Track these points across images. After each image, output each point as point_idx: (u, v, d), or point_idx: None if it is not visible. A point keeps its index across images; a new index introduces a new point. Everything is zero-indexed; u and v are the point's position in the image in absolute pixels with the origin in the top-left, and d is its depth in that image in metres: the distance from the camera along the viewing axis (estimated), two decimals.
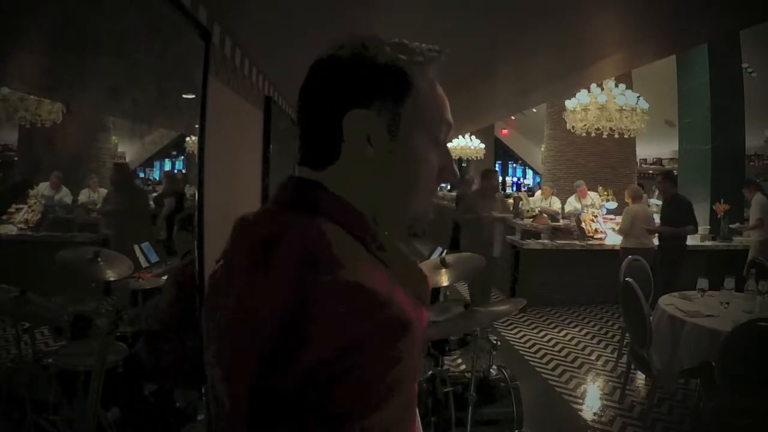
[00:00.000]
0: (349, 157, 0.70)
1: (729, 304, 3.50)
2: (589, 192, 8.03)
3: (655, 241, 5.75)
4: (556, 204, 8.70)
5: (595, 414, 3.70)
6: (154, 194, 3.12)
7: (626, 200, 6.05)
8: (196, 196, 2.59)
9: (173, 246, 2.81)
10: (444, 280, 2.80)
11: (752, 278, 3.52)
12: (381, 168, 0.70)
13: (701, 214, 7.50)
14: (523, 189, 19.97)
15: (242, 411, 0.61)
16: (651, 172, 15.81)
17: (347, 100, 0.68)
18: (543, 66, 4.56)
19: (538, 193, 9.92)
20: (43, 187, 2.06)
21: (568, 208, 8.21)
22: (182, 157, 3.27)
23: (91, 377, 1.74)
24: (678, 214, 5.58)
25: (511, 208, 7.10)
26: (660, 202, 8.56)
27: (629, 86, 7.48)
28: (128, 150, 2.98)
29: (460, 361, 4.36)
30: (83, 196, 2.33)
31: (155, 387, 2.27)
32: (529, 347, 5.12)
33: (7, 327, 1.83)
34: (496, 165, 19.67)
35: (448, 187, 22.19)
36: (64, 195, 2.17)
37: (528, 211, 8.21)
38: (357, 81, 0.68)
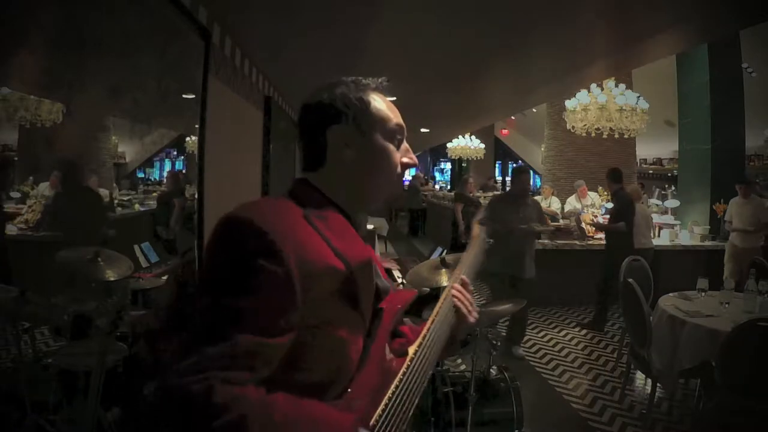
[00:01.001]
0: (333, 158, 1.00)
1: (729, 304, 3.51)
2: (589, 192, 8.03)
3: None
4: (555, 204, 8.70)
5: (595, 414, 3.70)
6: (155, 194, 3.11)
7: None
8: (196, 195, 2.59)
9: (174, 245, 2.80)
10: (444, 280, 2.79)
11: (752, 278, 3.52)
12: (357, 161, 1.00)
13: (701, 214, 7.50)
14: None
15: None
16: (651, 172, 15.82)
17: (327, 121, 1.00)
18: (543, 66, 4.55)
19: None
20: (43, 187, 2.05)
21: (568, 208, 8.21)
22: (182, 157, 3.27)
23: (91, 377, 1.75)
24: (614, 211, 5.64)
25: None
26: (660, 202, 8.58)
27: (629, 86, 7.46)
28: (128, 150, 2.97)
29: (460, 361, 4.35)
30: None
31: (155, 387, 2.26)
32: (529, 347, 5.12)
33: (7, 327, 1.82)
34: (496, 165, 19.63)
35: (449, 186, 22.25)
36: None
37: None
38: (332, 108, 1.00)
